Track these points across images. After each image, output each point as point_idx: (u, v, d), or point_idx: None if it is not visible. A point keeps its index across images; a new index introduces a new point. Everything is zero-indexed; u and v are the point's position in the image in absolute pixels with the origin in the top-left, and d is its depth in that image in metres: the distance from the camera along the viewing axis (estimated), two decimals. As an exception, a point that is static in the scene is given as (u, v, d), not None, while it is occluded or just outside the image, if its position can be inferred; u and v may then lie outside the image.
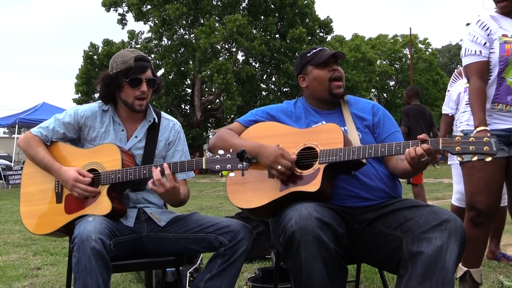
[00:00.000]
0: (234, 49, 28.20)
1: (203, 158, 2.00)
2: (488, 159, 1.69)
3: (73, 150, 2.27)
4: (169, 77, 28.33)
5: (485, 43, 2.50)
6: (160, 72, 27.74)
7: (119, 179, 2.10)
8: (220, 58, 26.57)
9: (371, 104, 2.30)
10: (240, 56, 29.45)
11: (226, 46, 28.45)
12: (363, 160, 1.95)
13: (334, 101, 2.24)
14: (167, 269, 2.89)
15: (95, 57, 28.42)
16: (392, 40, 39.97)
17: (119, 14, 29.50)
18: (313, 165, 1.95)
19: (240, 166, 1.91)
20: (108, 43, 28.26)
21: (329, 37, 31.48)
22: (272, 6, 28.20)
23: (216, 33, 24.89)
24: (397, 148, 1.84)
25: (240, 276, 3.16)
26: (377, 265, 2.17)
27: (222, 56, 27.79)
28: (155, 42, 29.01)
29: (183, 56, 27.67)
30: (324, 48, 2.26)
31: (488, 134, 1.72)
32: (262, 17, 28.45)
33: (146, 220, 2.23)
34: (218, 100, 29.35)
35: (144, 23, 28.93)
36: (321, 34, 30.69)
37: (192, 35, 27.37)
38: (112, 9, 28.92)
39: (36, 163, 2.26)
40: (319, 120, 2.19)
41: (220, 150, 1.96)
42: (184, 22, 27.63)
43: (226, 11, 27.66)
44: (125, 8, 29.03)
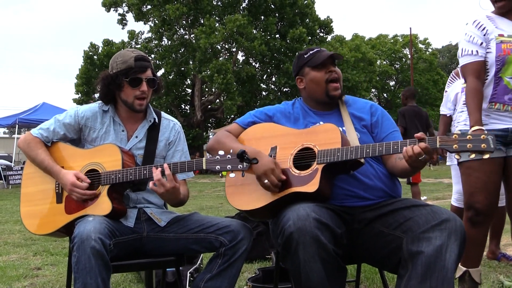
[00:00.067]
0: (234, 49, 28.20)
1: (203, 159, 2.00)
2: (486, 156, 1.69)
3: (74, 151, 2.27)
4: (169, 77, 28.33)
5: (482, 43, 2.51)
6: (160, 72, 27.73)
7: (120, 180, 2.10)
8: (220, 58, 26.56)
9: (369, 104, 2.29)
10: (240, 56, 29.50)
11: (226, 46, 28.44)
12: (361, 160, 1.95)
13: (332, 102, 2.24)
14: (167, 269, 2.89)
15: (95, 57, 28.42)
16: (392, 40, 40.01)
17: (119, 14, 29.52)
18: (311, 166, 1.95)
19: (241, 167, 1.91)
20: (108, 43, 28.26)
21: (329, 37, 31.48)
22: (272, 6, 28.19)
23: (216, 33, 24.89)
24: (395, 147, 1.84)
25: (240, 276, 3.16)
26: (377, 265, 2.17)
27: (222, 56, 27.79)
28: (155, 42, 29.01)
29: (183, 56, 27.66)
30: (322, 49, 2.25)
31: (485, 132, 1.72)
32: (262, 17, 28.45)
33: (146, 220, 2.24)
34: (218, 100, 29.35)
35: (144, 23, 28.96)
36: (321, 34, 30.68)
37: (192, 35, 27.36)
38: (112, 9, 28.93)
39: (36, 165, 2.26)
40: (317, 121, 2.19)
41: (220, 151, 1.97)
42: (184, 22, 27.62)
43: (226, 11, 27.66)
44: (125, 8, 29.05)
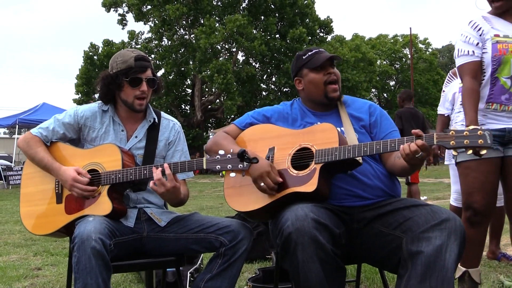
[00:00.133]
0: (234, 49, 28.22)
1: (204, 158, 2.00)
2: (483, 152, 1.69)
3: (73, 151, 2.27)
4: (169, 77, 28.34)
5: (478, 43, 2.51)
6: (160, 72, 27.75)
7: (120, 180, 2.10)
8: (220, 58, 26.57)
9: (368, 104, 2.29)
10: (240, 56, 29.53)
11: (226, 46, 28.46)
12: (359, 160, 1.95)
13: (331, 103, 2.23)
14: (168, 269, 2.89)
15: (95, 58, 28.44)
16: (392, 40, 40.03)
17: (119, 15, 29.54)
18: (309, 166, 1.95)
19: (241, 166, 1.91)
20: (108, 44, 28.28)
21: (329, 37, 31.50)
22: (272, 6, 28.20)
23: (216, 33, 24.89)
24: (392, 145, 1.84)
25: (241, 276, 3.16)
26: (377, 265, 2.17)
27: (222, 56, 27.79)
28: (155, 43, 29.03)
29: (183, 56, 27.67)
30: (320, 50, 2.24)
31: (482, 128, 1.72)
32: (262, 17, 28.46)
33: (147, 220, 2.23)
34: (218, 100, 29.36)
35: (144, 24, 28.97)
36: (321, 34, 30.69)
37: (192, 35, 27.37)
38: (112, 10, 28.95)
39: (36, 163, 2.26)
40: (315, 122, 2.18)
41: (221, 151, 1.97)
42: (184, 22, 27.63)
43: (226, 11, 27.67)
44: (125, 9, 29.07)
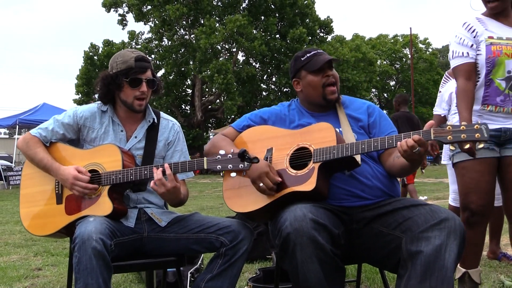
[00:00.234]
0: (235, 50, 28.20)
1: (204, 158, 2.00)
2: (480, 146, 1.69)
3: (73, 151, 2.27)
4: (170, 78, 28.31)
5: (472, 45, 2.52)
6: (161, 73, 27.74)
7: (120, 180, 2.10)
8: (221, 59, 26.54)
9: (366, 105, 2.29)
10: (241, 57, 29.50)
11: (227, 47, 28.44)
12: (358, 161, 1.96)
13: (329, 105, 2.24)
14: (168, 270, 2.89)
15: (96, 58, 28.41)
16: (393, 40, 40.04)
17: (120, 15, 29.50)
18: (308, 165, 1.95)
19: (242, 166, 1.91)
20: (109, 44, 28.25)
21: (330, 37, 31.47)
22: (272, 6, 28.18)
23: (217, 34, 24.87)
24: (390, 142, 1.85)
25: (241, 276, 3.16)
26: (377, 265, 2.17)
27: (223, 57, 27.77)
28: (156, 43, 28.99)
29: (184, 57, 27.64)
30: (319, 52, 2.24)
31: (478, 122, 1.73)
32: (263, 17, 28.44)
33: (147, 221, 2.24)
34: (219, 101, 29.35)
35: (144, 24, 28.91)
36: (322, 34, 30.66)
37: (193, 36, 27.34)
38: (113, 10, 28.91)
39: (35, 164, 2.26)
40: (313, 123, 2.17)
41: (221, 150, 1.97)
42: (184, 23, 27.61)
43: (226, 12, 27.65)
44: (126, 9, 29.02)
